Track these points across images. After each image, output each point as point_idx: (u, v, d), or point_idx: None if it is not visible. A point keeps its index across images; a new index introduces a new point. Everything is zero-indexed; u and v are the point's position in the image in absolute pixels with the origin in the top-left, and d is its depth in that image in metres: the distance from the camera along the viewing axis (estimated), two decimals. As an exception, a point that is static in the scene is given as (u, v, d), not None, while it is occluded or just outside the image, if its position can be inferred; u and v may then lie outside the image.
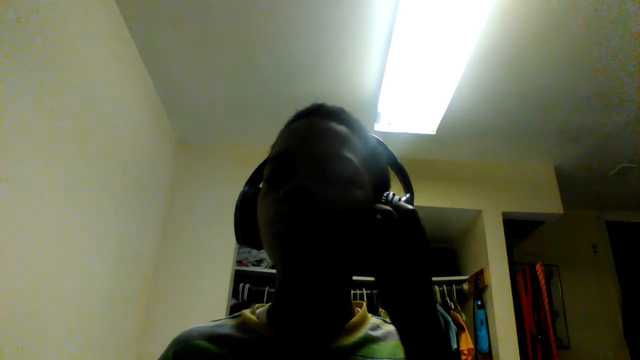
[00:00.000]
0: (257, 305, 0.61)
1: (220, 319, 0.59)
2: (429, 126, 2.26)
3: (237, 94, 2.11)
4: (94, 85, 1.51)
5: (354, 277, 0.59)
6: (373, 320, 0.58)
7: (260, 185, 0.59)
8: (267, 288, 2.43)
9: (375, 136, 0.61)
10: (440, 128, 2.24)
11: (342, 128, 0.55)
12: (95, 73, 1.52)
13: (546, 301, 2.45)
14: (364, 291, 2.49)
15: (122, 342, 1.84)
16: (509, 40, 1.71)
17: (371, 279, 0.47)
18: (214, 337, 0.54)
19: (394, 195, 0.53)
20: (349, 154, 0.52)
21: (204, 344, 0.53)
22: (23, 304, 1.18)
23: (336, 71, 1.92)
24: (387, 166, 0.60)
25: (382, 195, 0.52)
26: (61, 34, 1.30)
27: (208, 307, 2.14)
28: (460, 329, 2.45)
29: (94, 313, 1.58)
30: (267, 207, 0.51)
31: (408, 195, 0.55)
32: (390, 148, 0.61)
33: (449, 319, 2.45)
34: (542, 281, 2.47)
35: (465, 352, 2.34)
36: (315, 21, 1.66)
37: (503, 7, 1.55)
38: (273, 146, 0.59)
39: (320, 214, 0.47)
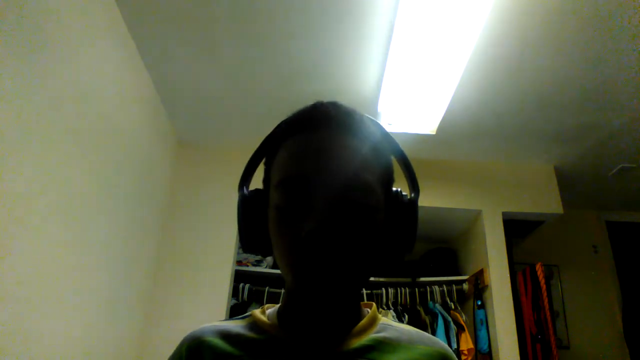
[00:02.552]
0: (267, 305, 0.60)
1: (230, 319, 0.59)
2: (429, 126, 2.26)
3: (237, 93, 2.11)
4: (93, 85, 1.51)
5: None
6: (383, 321, 0.57)
7: (257, 186, 0.58)
8: (267, 288, 2.43)
9: (382, 127, 0.58)
10: (440, 128, 2.24)
11: (355, 142, 0.51)
12: (95, 73, 1.52)
13: (546, 301, 2.45)
14: (364, 291, 2.49)
15: (122, 342, 1.84)
16: (509, 40, 1.71)
17: (372, 278, 0.48)
18: (226, 336, 0.54)
19: (402, 194, 0.54)
20: (368, 176, 0.49)
21: (218, 341, 0.53)
22: (22, 304, 1.18)
23: (336, 71, 1.92)
24: (390, 159, 0.58)
25: (391, 192, 0.54)
26: (60, 34, 1.30)
27: (208, 307, 2.14)
28: (460, 329, 2.45)
29: (93, 313, 1.58)
30: (286, 243, 0.48)
31: (413, 194, 0.55)
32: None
33: (449, 319, 2.45)
34: (542, 281, 2.47)
35: (465, 352, 2.34)
36: (316, 21, 1.66)
37: (503, 7, 1.55)
38: (269, 151, 0.55)
39: (345, 256, 0.46)
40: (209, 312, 2.12)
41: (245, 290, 2.41)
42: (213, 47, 1.81)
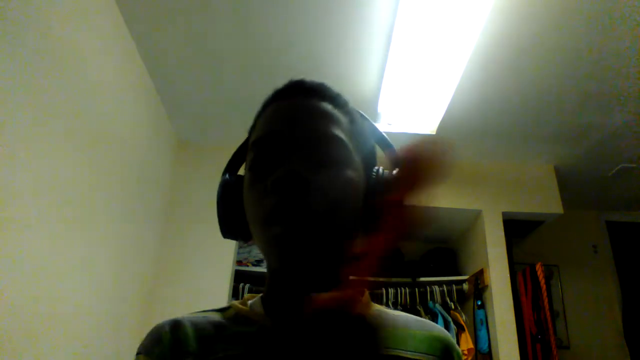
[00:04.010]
0: (247, 296, 0.57)
1: (205, 311, 0.55)
2: (429, 126, 2.26)
3: (237, 93, 2.11)
4: (93, 85, 1.51)
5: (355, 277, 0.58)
6: (376, 308, 0.55)
7: (242, 173, 0.56)
8: (267, 288, 2.43)
9: (358, 110, 0.58)
10: (440, 128, 2.24)
11: (326, 105, 0.52)
12: (95, 73, 1.52)
13: (546, 301, 2.45)
14: (364, 291, 2.49)
15: (121, 342, 1.84)
16: (509, 40, 1.71)
17: (372, 279, 0.46)
18: (205, 327, 0.50)
19: (384, 170, 0.52)
20: (338, 133, 0.49)
21: (204, 330, 0.50)
22: (22, 304, 1.18)
23: (336, 71, 1.92)
24: (373, 141, 0.58)
25: (372, 171, 0.52)
26: (61, 34, 1.30)
27: (208, 307, 2.14)
28: (460, 329, 2.45)
29: (93, 313, 1.58)
30: (256, 200, 0.47)
31: (397, 169, 0.53)
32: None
33: (449, 319, 2.46)
34: (542, 281, 2.47)
35: (465, 352, 2.34)
36: (316, 21, 1.67)
37: (503, 7, 1.55)
38: (252, 129, 0.55)
39: (315, 203, 0.44)
40: (209, 312, 2.12)
41: (245, 290, 2.41)
42: (213, 48, 1.81)
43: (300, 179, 0.44)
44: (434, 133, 2.28)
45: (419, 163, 0.40)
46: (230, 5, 1.60)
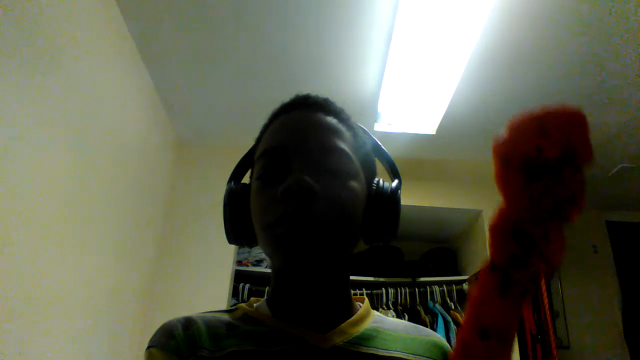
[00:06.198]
0: (252, 299, 0.60)
1: (212, 311, 0.57)
2: (429, 126, 2.26)
3: (237, 94, 2.11)
4: (94, 86, 1.51)
5: (355, 277, 0.59)
6: (377, 313, 0.58)
7: (247, 181, 0.58)
8: (267, 288, 2.43)
9: (359, 124, 0.61)
10: (440, 128, 2.25)
11: (330, 119, 0.54)
12: (96, 73, 1.52)
13: (546, 301, 2.44)
14: (364, 291, 2.49)
15: (121, 342, 1.84)
16: (509, 40, 1.71)
17: (371, 278, 0.47)
18: (216, 325, 0.52)
19: (384, 182, 0.56)
20: (342, 145, 0.52)
21: (216, 329, 0.51)
22: (22, 305, 1.18)
23: (336, 71, 1.92)
24: (373, 154, 0.61)
25: (373, 183, 0.55)
26: (61, 34, 1.30)
27: (208, 307, 2.13)
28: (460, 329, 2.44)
29: (93, 313, 1.58)
30: (264, 207, 0.50)
31: (397, 181, 0.57)
32: (389, 147, 0.62)
33: (449, 319, 2.45)
34: (542, 281, 2.47)
35: (465, 352, 2.34)
36: (316, 22, 1.67)
37: (503, 7, 1.55)
38: (258, 141, 0.58)
39: (321, 211, 0.47)
40: (209, 312, 2.12)
41: (245, 290, 2.41)
42: (213, 48, 1.81)
43: (308, 188, 0.46)
44: (434, 133, 2.28)
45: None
46: (231, 6, 1.60)
